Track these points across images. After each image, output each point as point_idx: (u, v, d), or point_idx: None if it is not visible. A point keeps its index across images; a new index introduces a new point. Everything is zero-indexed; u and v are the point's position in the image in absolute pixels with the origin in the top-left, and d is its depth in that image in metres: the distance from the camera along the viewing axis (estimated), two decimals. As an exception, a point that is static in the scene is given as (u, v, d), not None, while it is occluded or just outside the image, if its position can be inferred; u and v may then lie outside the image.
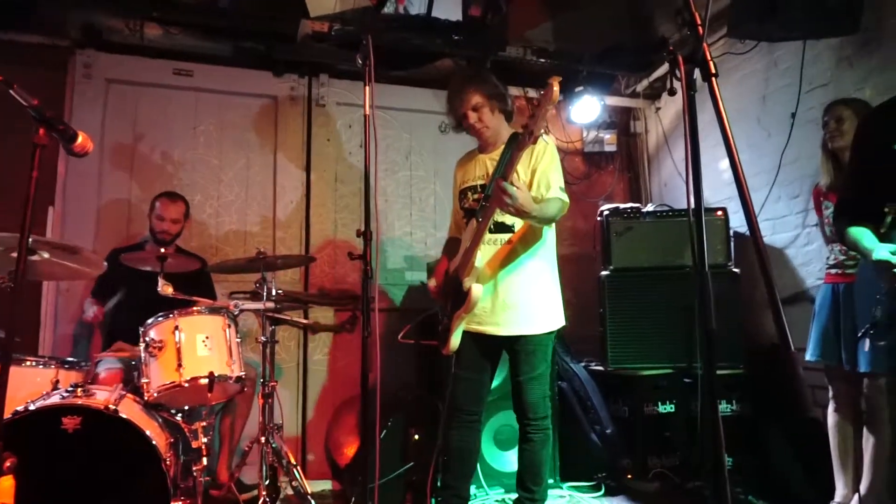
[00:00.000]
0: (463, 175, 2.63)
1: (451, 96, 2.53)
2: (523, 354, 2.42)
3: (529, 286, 2.43)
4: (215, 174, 3.84)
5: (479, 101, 2.46)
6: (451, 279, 2.46)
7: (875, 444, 2.49)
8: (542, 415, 2.45)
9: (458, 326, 2.42)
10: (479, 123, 2.48)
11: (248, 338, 3.60)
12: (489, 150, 2.57)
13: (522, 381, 2.42)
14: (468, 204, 2.53)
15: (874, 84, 2.96)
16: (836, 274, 2.69)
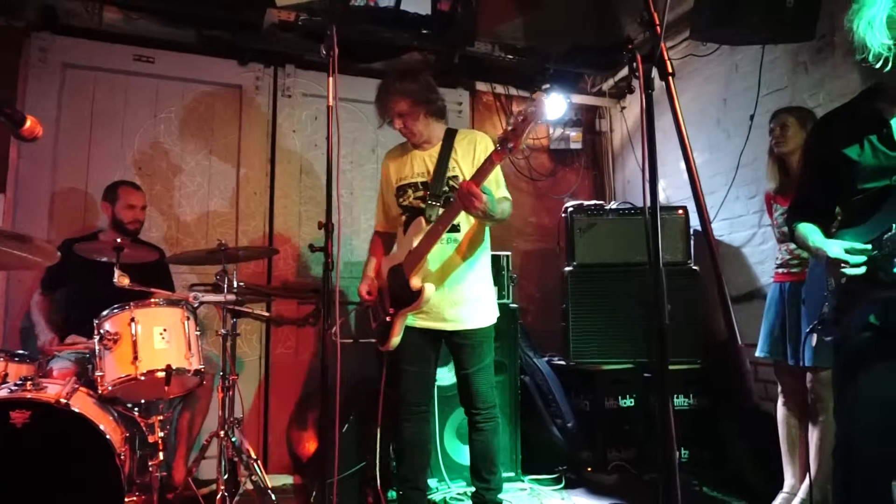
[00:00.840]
0: (398, 170, 2.60)
1: (378, 99, 2.53)
2: (470, 347, 2.47)
3: (475, 283, 2.51)
4: (176, 163, 3.75)
5: (403, 109, 2.46)
6: (393, 277, 2.47)
7: (819, 436, 2.60)
8: (491, 403, 2.51)
9: (402, 324, 2.45)
10: (405, 130, 2.51)
11: (209, 331, 3.54)
12: (425, 146, 2.57)
13: (471, 372, 2.48)
14: (408, 201, 2.53)
15: (828, 90, 3.05)
16: (783, 273, 2.80)
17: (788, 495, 2.76)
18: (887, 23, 1.60)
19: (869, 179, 1.74)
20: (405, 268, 2.40)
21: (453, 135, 2.55)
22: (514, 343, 3.47)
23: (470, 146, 2.52)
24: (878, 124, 1.74)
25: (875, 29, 1.60)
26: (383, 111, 2.51)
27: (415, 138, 2.54)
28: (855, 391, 1.73)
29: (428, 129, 2.54)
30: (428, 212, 2.42)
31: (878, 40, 1.60)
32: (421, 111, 2.49)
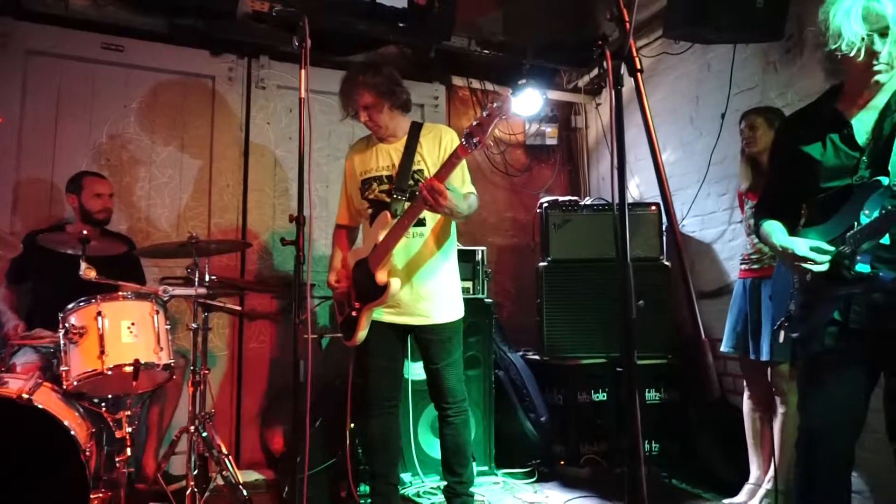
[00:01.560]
0: (363, 163, 2.59)
1: (342, 92, 2.51)
2: (439, 342, 2.47)
3: (442, 278, 2.50)
4: (147, 154, 3.68)
5: (369, 102, 2.45)
6: (359, 271, 2.46)
7: (781, 428, 2.67)
8: (461, 398, 2.52)
9: (369, 318, 2.44)
10: (370, 123, 2.50)
11: (180, 325, 3.49)
12: (390, 139, 2.56)
13: (441, 367, 2.48)
14: (374, 195, 2.52)
15: (797, 89, 3.11)
16: (746, 269, 2.86)
17: (754, 486, 2.83)
18: (863, 14, 1.63)
19: (831, 178, 1.77)
20: (371, 262, 2.39)
21: (419, 129, 2.54)
22: (488, 338, 3.49)
23: (435, 140, 2.51)
24: (840, 124, 1.78)
25: (851, 19, 1.63)
26: (348, 103, 2.50)
27: (380, 131, 2.53)
28: (819, 385, 1.77)
29: (393, 122, 2.54)
30: (393, 206, 2.41)
31: (853, 30, 1.63)
32: (386, 104, 2.48)
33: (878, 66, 1.66)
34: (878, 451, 2.60)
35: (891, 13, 1.60)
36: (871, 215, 1.65)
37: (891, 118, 1.70)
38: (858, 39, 1.63)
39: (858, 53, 1.65)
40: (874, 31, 1.63)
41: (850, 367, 1.74)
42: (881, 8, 1.61)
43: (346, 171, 2.68)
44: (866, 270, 1.66)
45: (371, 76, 2.45)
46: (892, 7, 1.60)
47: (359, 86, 2.45)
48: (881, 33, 1.63)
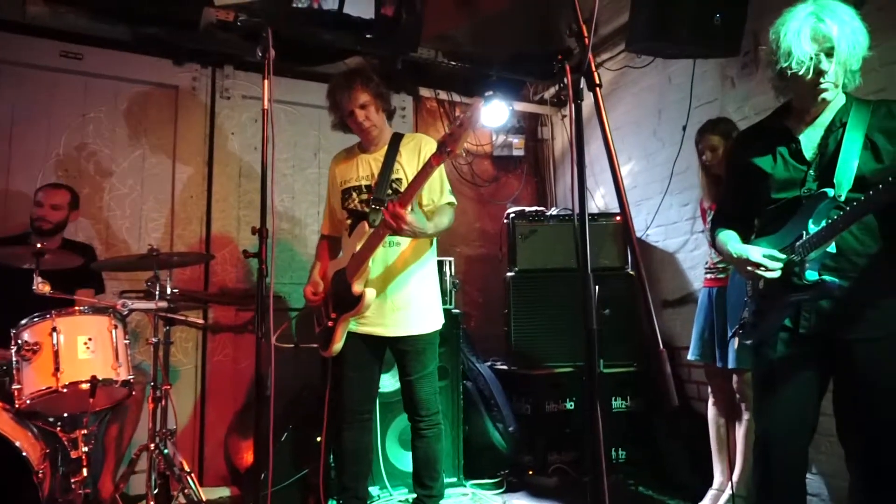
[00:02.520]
0: (344, 173, 2.61)
1: (335, 92, 2.50)
2: (414, 353, 2.47)
3: (418, 289, 2.50)
4: (107, 165, 3.60)
5: (366, 100, 2.47)
6: (337, 282, 2.45)
7: (744, 434, 2.73)
8: (434, 410, 2.52)
9: (344, 329, 2.43)
10: (367, 122, 2.49)
11: (141, 339, 3.41)
12: (372, 149, 2.58)
13: (414, 379, 2.47)
14: (353, 205, 2.53)
15: (753, 104, 3.20)
16: (711, 279, 2.92)
17: (717, 492, 2.87)
18: (811, 35, 1.69)
19: (781, 190, 1.84)
20: (348, 272, 2.38)
21: (399, 139, 2.56)
22: (456, 348, 3.48)
23: (415, 150, 2.52)
24: (789, 140, 1.86)
25: (801, 39, 1.70)
26: (345, 101, 2.47)
27: (375, 131, 2.53)
28: (772, 391, 1.82)
29: (383, 126, 2.56)
30: (371, 216, 2.41)
31: (803, 50, 1.70)
32: (380, 105, 2.52)
33: (824, 84, 1.74)
34: (833, 454, 2.68)
35: (836, 35, 1.68)
36: (818, 225, 1.72)
37: (835, 134, 1.78)
38: (807, 59, 1.70)
39: (807, 72, 1.71)
40: (821, 51, 1.70)
41: (800, 373, 1.79)
42: (827, 29, 1.68)
43: (329, 181, 2.69)
44: (814, 278, 1.71)
45: (365, 78, 2.50)
46: (837, 29, 1.67)
47: (356, 84, 2.46)
48: (827, 53, 1.70)
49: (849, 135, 1.74)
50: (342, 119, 2.54)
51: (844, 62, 1.71)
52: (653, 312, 1.10)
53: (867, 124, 1.74)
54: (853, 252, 1.73)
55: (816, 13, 1.71)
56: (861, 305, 1.72)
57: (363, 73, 2.54)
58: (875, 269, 1.72)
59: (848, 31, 1.69)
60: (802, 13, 1.73)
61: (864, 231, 1.73)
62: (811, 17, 1.71)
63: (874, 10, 2.65)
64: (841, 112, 1.79)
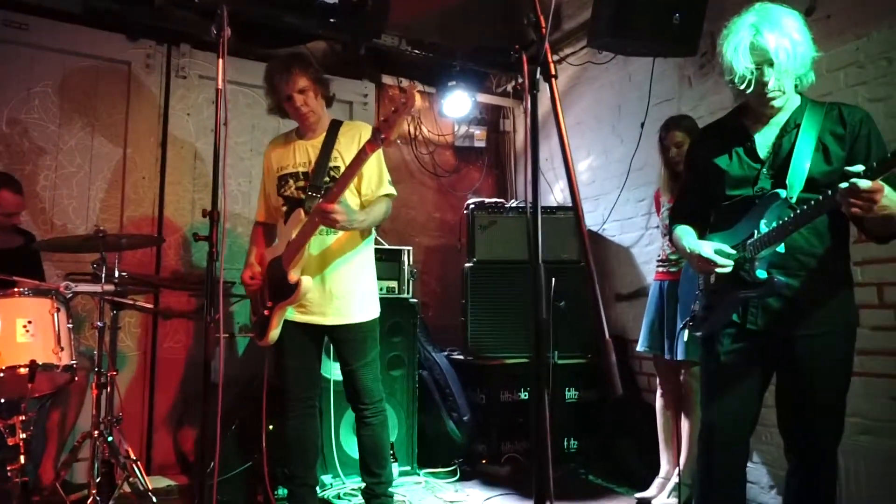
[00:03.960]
0: (280, 159, 2.56)
1: (273, 77, 2.44)
2: (354, 343, 2.46)
3: (356, 277, 2.49)
4: (53, 142, 3.45)
5: (305, 85, 2.43)
6: (272, 270, 2.41)
7: (690, 425, 2.81)
8: (378, 398, 2.51)
9: (280, 318, 2.40)
10: (305, 107, 2.45)
11: (87, 323, 3.30)
12: (309, 135, 2.54)
13: (356, 368, 2.46)
14: (289, 192, 2.49)
15: (708, 103, 3.28)
16: (662, 272, 2.98)
17: (664, 480, 2.95)
18: (750, 49, 1.74)
19: (736, 187, 1.89)
20: (284, 260, 2.35)
21: (338, 126, 2.53)
22: (413, 338, 3.49)
23: (354, 138, 2.50)
24: (744, 138, 1.90)
25: (740, 54, 1.75)
26: (283, 86, 2.42)
27: (311, 117, 2.49)
28: (718, 383, 1.88)
29: (321, 112, 2.52)
30: (308, 203, 2.38)
31: (743, 64, 1.75)
32: (318, 90, 2.48)
33: (769, 93, 1.78)
34: (773, 444, 2.79)
35: (773, 47, 1.72)
36: (769, 225, 1.77)
37: (789, 135, 1.83)
38: (748, 73, 1.75)
39: (749, 85, 1.76)
40: (762, 62, 1.75)
41: (745, 366, 1.85)
42: (764, 42, 1.72)
43: (265, 167, 2.63)
44: (763, 276, 1.77)
45: (303, 62, 2.46)
46: (775, 40, 1.72)
47: (295, 69, 2.41)
48: (769, 63, 1.74)
49: (802, 136, 1.79)
50: (279, 103, 2.49)
51: (786, 71, 1.75)
52: (600, 302, 1.12)
53: (820, 126, 1.80)
54: (801, 251, 1.78)
55: (756, 24, 1.74)
56: (806, 303, 1.78)
57: (302, 58, 2.51)
58: (821, 268, 1.78)
59: (786, 42, 1.72)
60: (743, 26, 1.77)
61: (812, 231, 1.78)
62: (751, 30, 1.74)
63: (822, 18, 2.75)
64: (796, 113, 1.84)
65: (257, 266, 2.50)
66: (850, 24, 2.67)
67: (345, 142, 2.48)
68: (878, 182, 1.49)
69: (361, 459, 2.53)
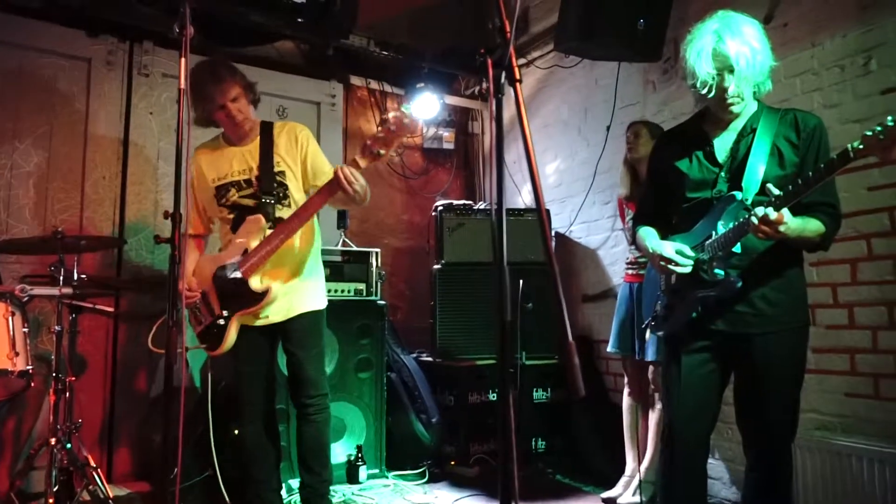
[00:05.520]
0: (214, 170, 2.49)
1: (204, 86, 2.35)
2: (300, 333, 2.44)
3: (307, 271, 2.49)
4: (8, 140, 3.34)
5: (238, 92, 2.40)
6: (224, 277, 2.34)
7: (655, 423, 2.86)
8: (323, 392, 2.49)
9: (238, 325, 2.36)
10: (240, 115, 2.42)
11: (44, 327, 3.20)
12: (242, 141, 2.50)
13: (301, 357, 2.44)
14: (233, 200, 2.44)
15: (671, 108, 3.35)
16: (632, 274, 3.03)
17: (629, 479, 3.00)
18: (712, 55, 1.78)
19: (695, 190, 1.94)
20: (243, 268, 2.30)
21: (270, 128, 2.50)
22: (381, 340, 3.48)
23: (291, 139, 2.49)
24: (704, 143, 1.96)
25: (702, 60, 1.79)
26: (216, 95, 2.35)
27: (245, 125, 2.46)
28: (678, 381, 1.92)
29: (252, 117, 2.50)
30: (266, 209, 2.37)
31: (704, 70, 1.80)
32: (249, 96, 2.46)
33: (729, 99, 1.83)
34: (734, 440, 2.86)
35: (733, 54, 1.77)
36: (726, 226, 1.82)
37: (746, 140, 1.88)
38: (710, 78, 1.80)
39: (710, 90, 1.81)
40: (723, 69, 1.80)
41: (705, 364, 1.89)
42: (726, 49, 1.78)
43: (196, 177, 2.53)
44: (721, 275, 1.82)
45: (230, 69, 2.42)
46: (735, 47, 1.77)
47: (226, 77, 2.37)
48: (729, 70, 1.79)
49: (758, 140, 1.85)
50: (209, 114, 2.41)
51: (745, 78, 1.81)
52: (563, 305, 1.13)
53: (775, 131, 1.86)
54: (756, 252, 1.84)
55: (718, 31, 1.79)
56: (762, 302, 1.83)
57: (227, 65, 2.44)
58: (776, 268, 1.84)
59: (746, 49, 1.77)
60: (706, 32, 1.82)
61: None
62: (713, 37, 1.79)
63: (780, 27, 2.83)
64: (752, 118, 1.90)
65: (193, 279, 2.43)
66: (805, 33, 2.76)
67: (283, 144, 2.48)
68: (781, 213, 1.64)
69: (301, 457, 2.48)
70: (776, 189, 1.67)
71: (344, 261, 3.46)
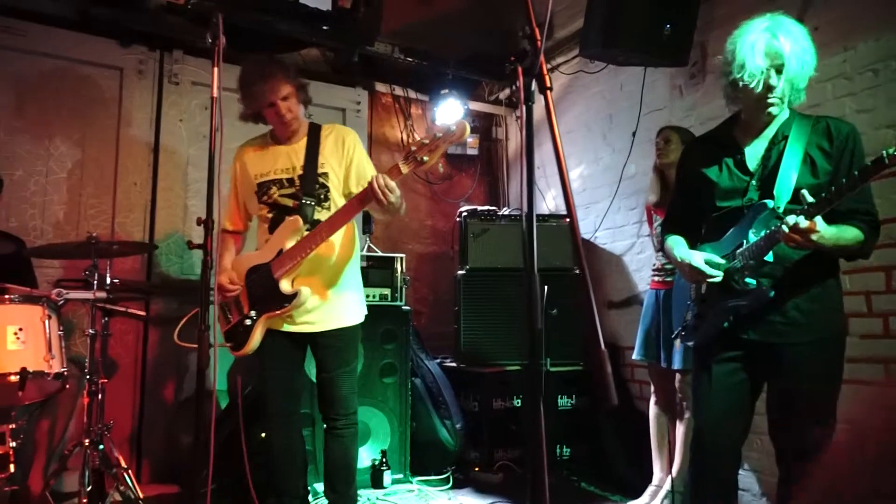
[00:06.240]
0: (257, 165, 2.47)
1: (255, 83, 2.35)
2: (335, 349, 2.39)
3: (344, 282, 2.43)
4: (44, 147, 3.43)
5: (289, 91, 2.37)
6: (257, 277, 2.33)
7: (684, 433, 2.82)
8: (352, 410, 2.43)
9: (265, 328, 2.33)
10: (289, 114, 2.38)
11: (77, 330, 3.27)
12: (288, 141, 2.47)
13: (334, 375, 2.38)
14: (273, 199, 2.41)
15: (699, 113, 3.32)
16: (659, 281, 3.00)
17: (656, 488, 2.96)
18: (765, 50, 1.77)
19: (725, 198, 1.91)
20: (274, 269, 2.27)
21: (318, 130, 2.48)
22: (405, 345, 3.48)
23: (338, 142, 2.45)
24: (734, 150, 1.93)
25: (755, 53, 1.77)
26: (267, 93, 2.33)
27: (294, 124, 2.43)
28: (709, 391, 1.89)
29: (302, 117, 2.47)
30: (304, 211, 2.32)
31: (755, 64, 1.77)
32: (300, 96, 2.43)
33: (771, 98, 1.81)
34: (765, 452, 2.81)
35: (787, 52, 1.75)
36: (757, 234, 1.79)
37: (777, 147, 1.85)
38: (759, 73, 1.78)
39: (757, 85, 1.78)
40: (772, 66, 1.78)
41: (736, 374, 1.87)
42: (780, 46, 1.76)
43: (237, 172, 2.53)
44: (753, 284, 1.79)
45: (283, 68, 2.40)
46: (790, 46, 1.75)
47: (278, 76, 2.35)
48: (777, 69, 1.78)
49: (790, 148, 1.82)
50: (258, 110, 2.41)
51: (792, 79, 1.78)
52: (595, 312, 1.13)
53: (807, 139, 1.83)
54: (789, 260, 1.81)
55: (771, 29, 1.78)
56: (795, 312, 1.80)
57: (282, 65, 2.42)
58: (810, 277, 1.81)
59: (798, 49, 1.76)
60: (758, 28, 1.80)
61: None
62: (766, 33, 1.77)
63: (810, 30, 2.78)
64: (784, 126, 1.87)
65: (234, 272, 2.40)
66: (837, 37, 2.72)
67: (329, 147, 2.44)
68: (813, 221, 1.62)
69: (327, 474, 2.42)
70: (809, 196, 1.64)
71: (368, 266, 3.48)
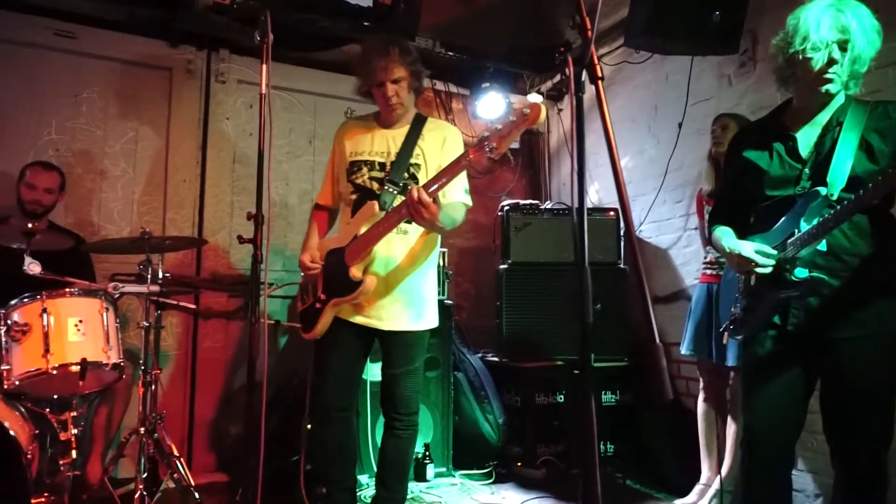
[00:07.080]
0: (355, 143, 2.39)
1: (372, 59, 2.26)
2: (403, 348, 2.33)
3: (420, 283, 2.36)
4: (99, 146, 3.56)
5: (402, 75, 2.28)
6: (331, 262, 2.28)
7: (735, 431, 2.75)
8: (413, 410, 2.38)
9: (332, 313, 2.28)
10: (395, 98, 2.29)
11: (131, 323, 3.39)
12: (392, 125, 2.39)
13: (399, 374, 2.33)
14: (362, 180, 2.34)
15: (749, 102, 3.22)
16: (710, 274, 2.91)
17: (704, 486, 2.90)
18: (832, 23, 1.70)
19: (776, 187, 1.85)
20: (347, 255, 2.21)
21: (423, 121, 2.39)
22: (448, 339, 3.50)
23: (439, 137, 2.35)
24: (786, 138, 1.86)
25: (821, 25, 1.71)
26: (378, 71, 2.25)
27: (399, 110, 2.34)
28: (759, 387, 1.83)
29: (409, 105, 2.39)
30: (384, 197, 2.25)
31: (821, 35, 1.71)
32: (412, 83, 2.34)
33: (830, 74, 1.73)
34: (820, 451, 2.72)
35: (854, 28, 1.68)
36: (809, 223, 1.73)
37: (831, 133, 1.78)
38: (823, 45, 1.71)
39: (821, 58, 1.72)
40: (837, 41, 1.71)
41: (788, 369, 1.80)
42: (847, 21, 1.70)
43: (336, 148, 2.47)
44: (804, 275, 1.73)
45: (404, 49, 2.29)
46: (857, 24, 1.68)
47: (395, 56, 2.26)
48: (841, 47, 1.71)
49: (845, 134, 1.75)
50: (367, 87, 2.34)
51: (856, 57, 1.72)
52: (650, 307, 1.11)
53: (864, 125, 1.75)
54: (843, 251, 1.74)
55: (836, 5, 1.72)
56: (849, 304, 1.73)
57: (404, 47, 2.29)
58: (864, 268, 1.73)
59: (867, 25, 1.70)
60: (823, 3, 1.74)
61: (855, 231, 1.74)
62: (831, 8, 1.72)
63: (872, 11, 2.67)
64: (839, 111, 1.80)
65: (317, 252, 2.35)
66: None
67: (429, 140, 2.35)
68: None
69: (380, 471, 2.40)
70: None
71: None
